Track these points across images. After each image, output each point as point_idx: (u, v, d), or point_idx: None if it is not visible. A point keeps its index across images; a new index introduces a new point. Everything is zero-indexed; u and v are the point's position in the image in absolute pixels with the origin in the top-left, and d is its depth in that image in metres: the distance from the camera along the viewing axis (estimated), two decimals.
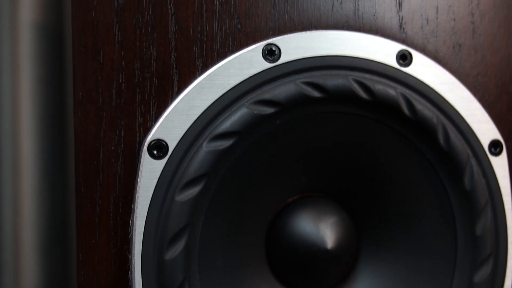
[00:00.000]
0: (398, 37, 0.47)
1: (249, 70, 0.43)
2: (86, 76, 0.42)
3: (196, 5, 0.43)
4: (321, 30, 0.45)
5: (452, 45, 0.48)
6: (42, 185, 0.68)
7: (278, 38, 0.44)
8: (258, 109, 0.43)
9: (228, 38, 0.44)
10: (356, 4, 0.46)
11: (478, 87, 0.48)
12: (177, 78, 0.43)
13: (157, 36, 0.43)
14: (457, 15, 0.48)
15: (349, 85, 0.44)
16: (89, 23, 0.42)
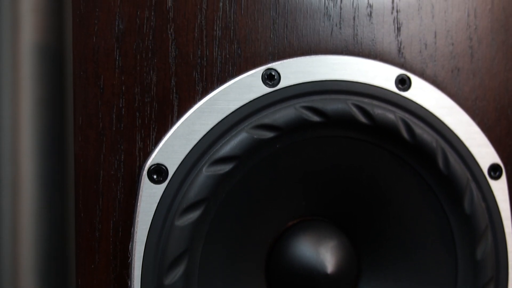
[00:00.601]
0: (397, 61, 0.47)
1: (248, 95, 0.44)
2: (87, 101, 0.42)
3: (196, 30, 0.44)
4: (321, 55, 0.45)
5: (451, 70, 0.48)
6: (41, 209, 0.68)
7: (278, 63, 0.44)
8: (258, 134, 0.43)
9: (228, 63, 0.44)
10: (355, 29, 0.46)
11: (477, 111, 0.48)
12: (177, 103, 0.43)
13: (157, 61, 0.43)
14: (456, 40, 0.48)
15: (349, 109, 0.44)
16: (90, 49, 0.42)
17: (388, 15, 0.47)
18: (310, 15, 0.45)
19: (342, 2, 0.46)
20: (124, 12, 0.43)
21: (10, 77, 0.71)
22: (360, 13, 0.46)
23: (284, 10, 0.45)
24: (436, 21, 0.48)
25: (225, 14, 0.44)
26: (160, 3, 0.43)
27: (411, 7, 0.47)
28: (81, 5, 0.42)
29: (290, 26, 0.45)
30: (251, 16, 0.44)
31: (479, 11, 0.49)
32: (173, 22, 0.43)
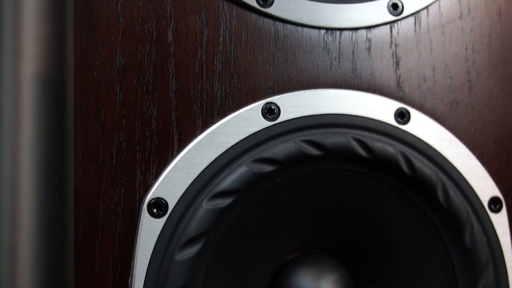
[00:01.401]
0: (396, 95, 0.47)
1: (248, 129, 0.44)
2: (87, 135, 0.43)
3: (197, 64, 0.44)
4: (320, 89, 0.46)
5: (450, 103, 0.48)
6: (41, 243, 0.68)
7: (278, 97, 0.45)
8: (258, 167, 0.43)
9: (228, 97, 0.44)
10: (354, 63, 0.47)
11: (476, 144, 0.49)
12: (177, 137, 0.44)
13: (158, 95, 0.43)
14: (454, 74, 0.49)
15: (348, 143, 0.44)
16: (91, 83, 0.43)
17: (387, 49, 0.47)
18: (309, 50, 0.46)
19: (341, 36, 0.46)
20: (125, 47, 0.43)
21: (11, 107, 0.72)
22: (359, 47, 0.47)
23: (283, 44, 0.45)
24: (434, 55, 0.48)
25: (225, 49, 0.44)
26: (161, 38, 0.43)
27: (409, 41, 0.48)
28: (83, 41, 0.43)
29: (290, 60, 0.45)
30: (251, 50, 0.45)
31: (477, 45, 0.49)
32: (174, 56, 0.44)
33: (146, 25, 0.43)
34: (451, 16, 0.49)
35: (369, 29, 0.47)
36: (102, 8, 0.43)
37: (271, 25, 0.45)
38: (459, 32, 0.49)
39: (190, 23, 0.44)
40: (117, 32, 0.43)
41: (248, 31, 0.45)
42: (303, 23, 0.45)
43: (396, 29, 0.47)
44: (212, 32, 0.44)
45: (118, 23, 0.43)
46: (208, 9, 0.44)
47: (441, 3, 0.49)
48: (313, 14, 0.45)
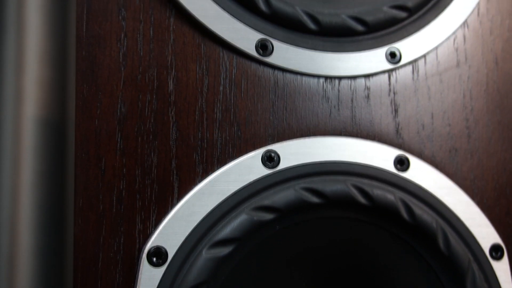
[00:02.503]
0: (395, 142, 0.47)
1: (248, 176, 0.44)
2: (88, 183, 0.43)
3: (197, 113, 0.44)
4: (319, 137, 0.46)
5: (449, 150, 0.49)
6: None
7: (277, 145, 0.45)
8: (258, 215, 0.43)
9: (228, 144, 0.45)
10: (353, 111, 0.47)
11: (476, 190, 0.49)
12: (177, 185, 0.44)
13: (158, 143, 0.44)
14: (452, 121, 0.49)
15: (348, 190, 0.44)
16: (92, 131, 0.43)
17: (385, 97, 0.48)
18: (308, 98, 0.46)
19: (340, 84, 0.47)
20: (126, 95, 0.43)
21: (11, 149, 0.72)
22: (357, 95, 0.47)
23: (283, 93, 0.46)
24: (432, 102, 0.49)
25: (225, 97, 0.45)
26: (161, 87, 0.44)
27: (407, 89, 0.48)
28: (84, 89, 0.43)
29: (289, 108, 0.46)
30: (250, 99, 0.45)
31: (475, 93, 0.50)
32: (174, 105, 0.44)
33: (147, 74, 0.44)
34: (449, 64, 0.49)
35: (368, 77, 0.47)
36: (104, 57, 0.43)
37: (270, 74, 0.46)
38: (456, 79, 0.50)
39: (191, 72, 0.44)
40: (119, 81, 0.43)
41: (248, 79, 0.45)
42: (302, 72, 0.46)
43: (395, 77, 0.48)
44: (212, 81, 0.45)
45: (119, 72, 0.44)
46: (209, 58, 0.45)
47: (438, 51, 0.49)
48: (312, 63, 0.46)
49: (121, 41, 0.44)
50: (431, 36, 0.48)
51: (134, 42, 0.44)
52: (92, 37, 0.43)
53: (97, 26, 0.44)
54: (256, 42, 0.45)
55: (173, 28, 0.44)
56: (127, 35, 0.44)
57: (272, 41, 0.45)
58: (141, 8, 0.44)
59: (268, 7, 0.45)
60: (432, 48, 0.49)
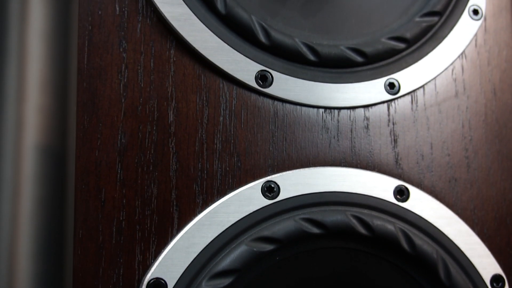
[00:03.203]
0: (394, 172, 0.48)
1: (248, 207, 0.44)
2: (87, 214, 0.43)
3: (197, 144, 0.44)
4: (319, 167, 0.46)
5: (448, 180, 0.49)
6: None
7: (277, 175, 0.45)
8: (258, 246, 0.43)
9: (227, 175, 0.45)
10: (352, 141, 0.47)
11: (476, 220, 0.49)
12: (177, 215, 0.44)
13: (158, 174, 0.44)
14: (452, 151, 0.49)
15: (348, 221, 0.44)
16: (92, 163, 0.43)
17: (385, 127, 0.48)
18: (308, 128, 0.47)
19: (340, 115, 0.47)
20: (127, 126, 0.44)
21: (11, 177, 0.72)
22: (357, 126, 0.47)
23: (283, 123, 0.46)
24: (431, 132, 0.49)
25: (225, 128, 0.45)
26: (162, 118, 0.44)
27: (406, 119, 0.48)
28: (85, 120, 0.43)
29: (289, 139, 0.46)
30: (250, 129, 0.45)
31: (473, 123, 0.50)
32: (175, 136, 0.44)
33: (148, 105, 0.44)
34: (447, 94, 0.50)
35: (367, 107, 0.48)
36: (104, 89, 0.44)
37: (270, 105, 0.46)
38: (455, 110, 0.50)
39: (191, 103, 0.45)
40: (119, 112, 0.44)
41: (248, 110, 0.46)
42: (301, 103, 0.46)
43: (394, 107, 0.48)
44: (212, 112, 0.45)
45: (120, 103, 0.44)
46: (209, 89, 0.45)
47: (437, 82, 0.50)
48: (311, 94, 0.46)
49: (122, 73, 0.44)
50: (429, 66, 0.49)
51: (134, 73, 0.44)
52: (93, 68, 0.44)
53: (98, 58, 0.44)
54: (256, 73, 0.45)
55: (174, 60, 0.45)
56: (128, 67, 0.44)
57: (271, 72, 0.46)
58: (142, 40, 0.45)
59: (268, 38, 0.45)
60: (430, 79, 0.49)
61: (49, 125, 0.74)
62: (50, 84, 0.75)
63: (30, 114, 0.74)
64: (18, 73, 0.74)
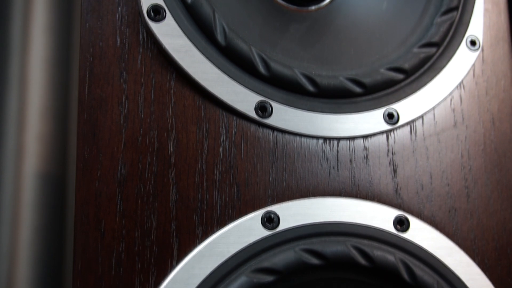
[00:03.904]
0: (394, 202, 0.48)
1: (248, 238, 0.44)
2: (87, 246, 0.43)
3: (197, 174, 0.45)
4: (319, 197, 0.46)
5: (448, 210, 0.49)
6: None
7: (277, 206, 0.45)
8: (258, 277, 0.43)
9: (227, 206, 0.45)
10: (352, 171, 0.47)
11: (476, 250, 0.48)
12: (177, 246, 0.43)
13: (158, 205, 0.44)
14: (451, 180, 0.49)
15: (348, 251, 0.44)
16: (92, 194, 0.43)
17: (384, 157, 0.48)
18: (308, 159, 0.47)
19: (339, 145, 0.47)
20: (127, 157, 0.44)
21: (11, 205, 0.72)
22: (356, 156, 0.48)
23: (282, 154, 0.46)
24: (431, 162, 0.49)
25: (225, 159, 0.45)
26: (162, 149, 0.44)
27: (406, 149, 0.49)
28: (85, 151, 0.43)
29: (289, 169, 0.46)
30: (250, 160, 0.46)
31: (472, 152, 0.50)
32: (175, 167, 0.44)
33: (148, 136, 0.44)
34: (446, 124, 0.50)
35: (366, 138, 0.48)
36: (105, 120, 0.44)
37: (270, 135, 0.46)
38: (454, 139, 0.50)
39: (191, 134, 0.45)
40: (120, 143, 0.44)
41: (247, 141, 0.46)
42: (301, 133, 0.46)
43: (393, 137, 0.49)
44: (212, 143, 0.45)
45: (120, 134, 0.44)
46: (209, 120, 0.45)
47: (436, 112, 0.50)
48: (311, 124, 0.46)
49: (123, 104, 0.44)
50: (428, 97, 0.49)
51: (135, 104, 0.44)
52: (94, 99, 0.44)
53: (99, 89, 0.44)
54: (256, 104, 0.46)
55: (174, 91, 0.45)
56: (129, 98, 0.44)
57: (271, 103, 0.46)
58: (142, 71, 0.45)
59: (268, 70, 0.46)
60: (429, 109, 0.49)
61: (49, 153, 0.75)
62: (51, 112, 0.75)
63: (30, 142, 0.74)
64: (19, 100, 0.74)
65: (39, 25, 0.76)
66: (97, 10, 0.45)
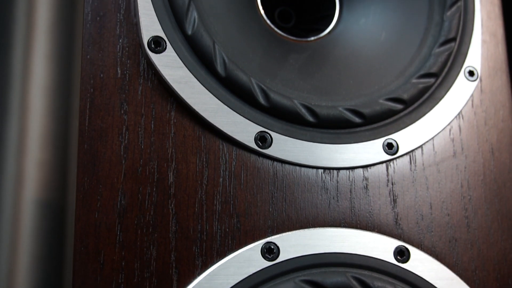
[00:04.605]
0: (394, 233, 0.47)
1: (248, 269, 0.44)
2: (86, 277, 0.42)
3: (197, 205, 0.45)
4: (319, 228, 0.46)
5: (448, 240, 0.48)
6: None
7: (277, 237, 0.45)
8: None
9: (227, 236, 0.45)
10: (351, 202, 0.47)
11: (477, 281, 0.48)
12: (176, 278, 0.43)
13: (157, 235, 0.44)
14: (451, 211, 0.49)
15: (349, 282, 0.44)
16: (92, 225, 0.43)
17: (384, 188, 0.48)
18: (307, 189, 0.47)
19: (339, 175, 0.47)
20: (127, 188, 0.44)
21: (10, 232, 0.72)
22: (356, 186, 0.48)
23: (282, 184, 0.46)
24: (431, 192, 0.49)
25: (225, 189, 0.45)
26: (162, 179, 0.44)
27: (405, 179, 0.49)
28: (85, 182, 0.43)
29: (289, 199, 0.46)
30: (250, 190, 0.46)
31: (472, 182, 0.50)
32: (174, 197, 0.44)
33: (148, 167, 0.44)
34: (445, 154, 0.50)
35: (366, 168, 0.48)
36: (105, 151, 0.44)
37: (270, 165, 0.46)
38: (454, 169, 0.50)
39: (191, 164, 0.45)
40: (120, 173, 0.44)
41: (247, 171, 0.46)
42: (301, 163, 0.46)
43: (392, 167, 0.49)
44: (212, 173, 0.45)
45: (120, 165, 0.44)
46: (209, 150, 0.45)
47: (435, 142, 0.50)
48: (310, 155, 0.46)
49: (123, 135, 0.44)
50: (427, 127, 0.49)
51: (135, 135, 0.45)
52: (94, 130, 0.44)
53: (100, 120, 0.44)
54: (255, 134, 0.46)
55: (174, 122, 0.45)
56: (129, 129, 0.45)
57: (271, 133, 0.46)
58: (143, 102, 0.45)
59: (267, 100, 0.46)
60: (428, 139, 0.49)
61: (49, 180, 0.75)
62: (51, 139, 0.75)
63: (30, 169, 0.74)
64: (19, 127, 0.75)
65: (40, 54, 0.77)
66: (98, 42, 0.45)
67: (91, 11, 0.46)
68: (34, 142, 0.75)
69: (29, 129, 0.75)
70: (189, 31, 0.45)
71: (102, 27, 0.46)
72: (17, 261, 0.70)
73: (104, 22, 0.46)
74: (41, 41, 0.77)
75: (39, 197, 0.74)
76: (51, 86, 0.76)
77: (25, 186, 0.73)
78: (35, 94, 0.76)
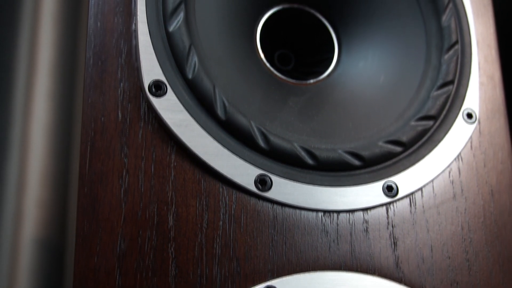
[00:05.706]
0: (395, 276, 0.47)
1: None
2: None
3: (197, 249, 0.44)
4: (319, 272, 0.46)
5: (450, 283, 0.48)
6: None
7: (277, 280, 0.44)
8: None
9: (227, 280, 0.44)
10: (352, 245, 0.47)
11: None
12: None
13: (157, 280, 0.43)
14: (452, 253, 0.49)
15: None
16: (91, 269, 0.43)
17: (384, 230, 0.48)
18: (307, 232, 0.47)
19: (339, 218, 0.47)
20: (127, 232, 0.44)
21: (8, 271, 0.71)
22: (356, 229, 0.47)
23: (282, 227, 0.46)
24: (431, 235, 0.49)
25: (224, 233, 0.45)
26: (161, 223, 0.44)
27: (405, 222, 0.49)
28: (85, 226, 0.43)
29: (289, 243, 0.46)
30: (250, 233, 0.45)
31: (472, 224, 0.50)
32: (174, 241, 0.44)
33: (148, 210, 0.44)
34: (445, 196, 0.50)
35: (366, 210, 0.48)
36: (105, 194, 0.44)
37: (269, 208, 0.46)
38: (454, 212, 0.50)
39: (191, 207, 0.45)
40: (119, 217, 0.44)
41: (247, 214, 0.46)
42: (301, 206, 0.46)
43: (392, 210, 0.49)
44: (212, 216, 0.45)
45: (120, 208, 0.44)
46: (209, 194, 0.45)
47: (435, 184, 0.50)
48: (310, 197, 0.46)
49: (123, 178, 0.45)
50: (426, 169, 0.50)
51: (135, 179, 0.45)
52: (95, 174, 0.44)
53: (100, 163, 0.45)
54: (255, 177, 0.46)
55: (174, 165, 0.45)
56: (129, 172, 0.45)
57: (271, 176, 0.46)
58: (143, 146, 0.45)
59: (267, 143, 0.46)
60: (428, 181, 0.50)
61: (48, 219, 0.74)
62: (51, 178, 0.75)
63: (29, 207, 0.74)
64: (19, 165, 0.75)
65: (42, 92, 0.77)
66: (99, 86, 0.46)
67: (93, 56, 0.47)
68: (34, 180, 0.75)
69: (29, 167, 0.75)
70: (190, 75, 0.46)
71: (104, 71, 0.46)
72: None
73: (105, 66, 0.47)
74: (42, 80, 0.78)
75: (38, 236, 0.73)
76: (52, 125, 0.76)
77: (24, 225, 0.73)
78: (36, 133, 0.76)
